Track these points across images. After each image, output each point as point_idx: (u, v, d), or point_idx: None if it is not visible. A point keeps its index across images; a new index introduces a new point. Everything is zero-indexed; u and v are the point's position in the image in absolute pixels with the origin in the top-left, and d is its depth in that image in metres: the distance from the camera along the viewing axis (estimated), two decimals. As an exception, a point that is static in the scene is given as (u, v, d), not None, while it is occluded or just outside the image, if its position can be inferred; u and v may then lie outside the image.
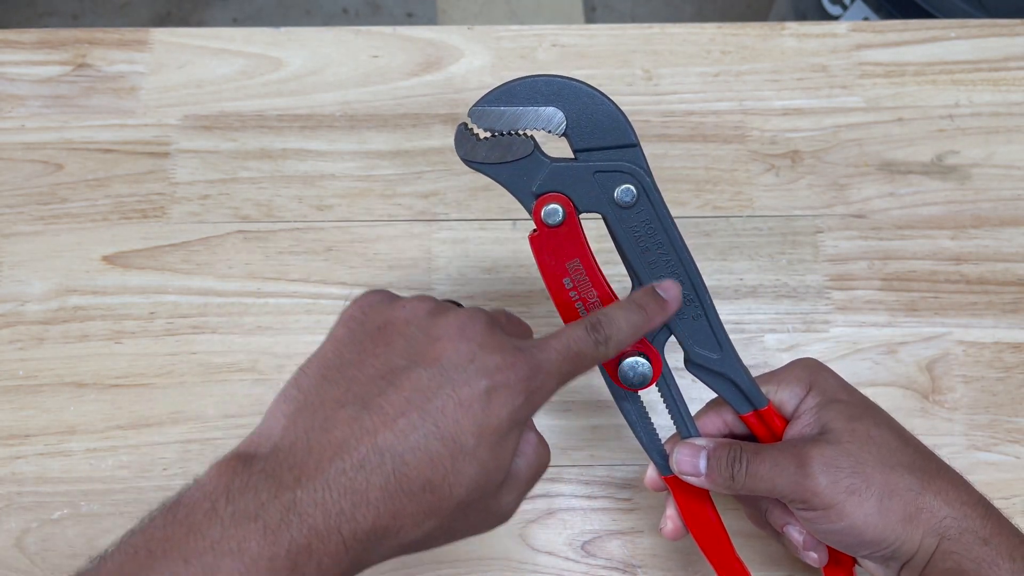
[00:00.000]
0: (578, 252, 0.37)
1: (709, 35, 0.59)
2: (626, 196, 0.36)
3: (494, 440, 0.29)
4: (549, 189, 0.36)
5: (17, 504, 0.47)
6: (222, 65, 0.58)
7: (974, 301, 0.52)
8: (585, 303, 0.37)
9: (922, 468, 0.35)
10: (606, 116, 0.36)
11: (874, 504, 0.34)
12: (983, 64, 0.59)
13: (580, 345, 0.33)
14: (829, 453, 0.35)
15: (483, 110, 0.36)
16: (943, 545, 0.34)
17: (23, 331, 0.51)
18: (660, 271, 0.37)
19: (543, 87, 0.36)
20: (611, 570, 0.47)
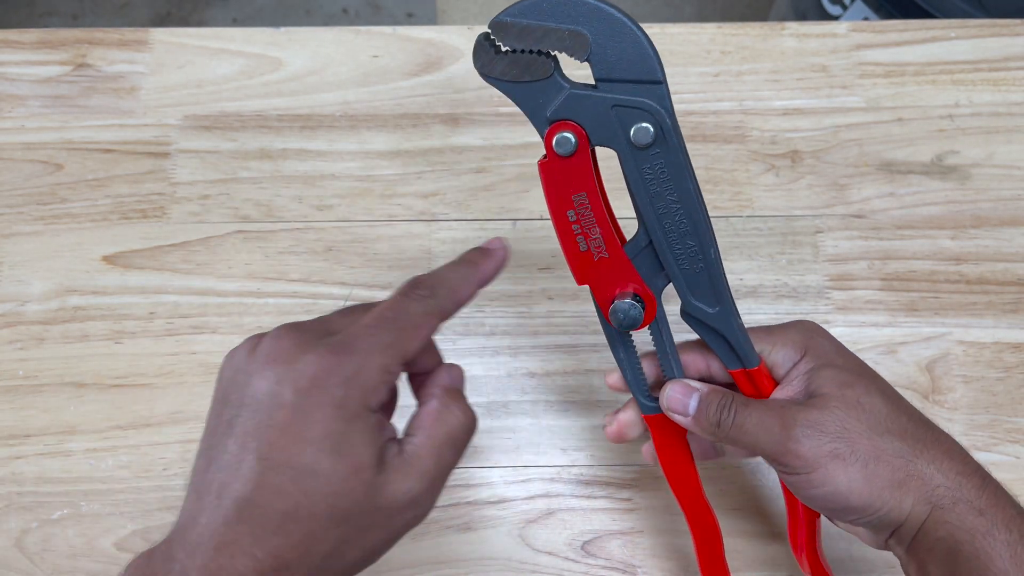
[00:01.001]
0: (586, 186, 0.35)
1: (709, 35, 0.59)
2: (642, 136, 0.34)
3: (329, 444, 0.29)
4: (564, 116, 0.34)
5: (17, 504, 0.47)
6: (222, 65, 0.58)
7: (974, 301, 0.52)
8: (587, 238, 0.36)
9: (915, 436, 0.34)
10: (634, 47, 0.33)
11: (859, 469, 0.33)
12: (983, 64, 0.59)
13: (395, 308, 0.32)
14: (815, 416, 0.34)
15: (506, 22, 0.33)
16: (935, 514, 0.33)
17: (23, 331, 0.51)
18: (667, 220, 0.35)
19: (572, 7, 0.33)
20: (611, 570, 0.47)
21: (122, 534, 0.47)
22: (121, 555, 0.46)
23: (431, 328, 0.33)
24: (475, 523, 0.47)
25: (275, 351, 0.31)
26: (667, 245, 0.36)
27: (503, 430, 0.49)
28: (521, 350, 0.51)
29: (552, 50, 0.34)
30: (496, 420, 0.49)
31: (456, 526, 0.47)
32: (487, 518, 0.47)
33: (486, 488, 0.48)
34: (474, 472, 0.48)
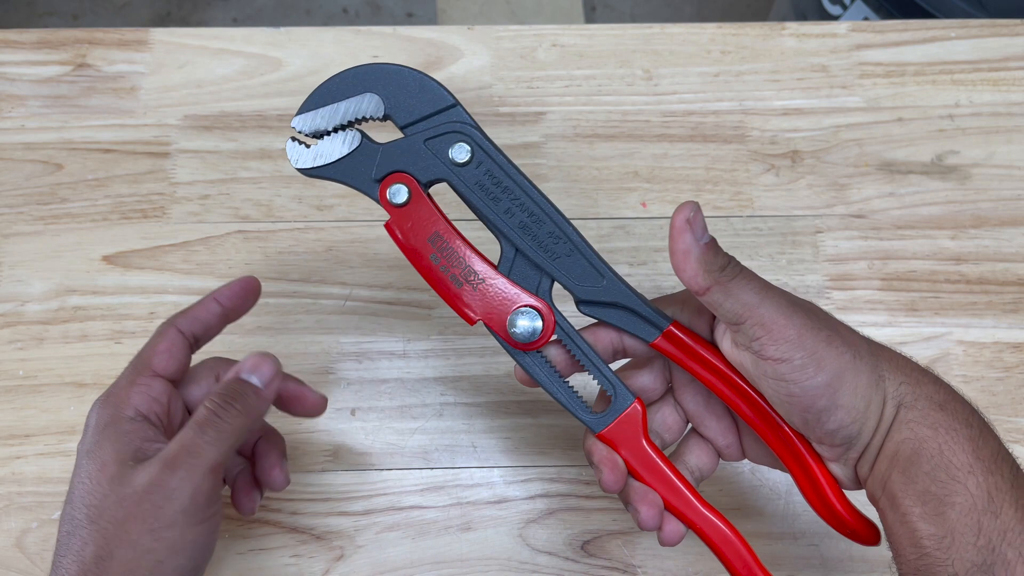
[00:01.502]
0: (436, 224, 0.37)
1: (709, 35, 0.59)
2: (461, 154, 0.36)
3: (85, 450, 0.37)
4: (388, 171, 0.36)
5: (17, 504, 0.47)
6: (222, 65, 0.58)
7: (974, 301, 0.52)
8: (458, 273, 0.37)
9: (865, 346, 0.33)
10: (418, 86, 0.36)
11: (849, 359, 0.32)
12: (983, 64, 0.59)
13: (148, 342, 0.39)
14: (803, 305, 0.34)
15: (304, 116, 0.36)
16: (901, 413, 0.32)
17: (23, 331, 0.51)
18: (517, 216, 0.36)
19: (352, 78, 0.36)
20: (611, 570, 0.47)
21: None
22: (121, 555, 0.46)
23: (169, 339, 0.39)
24: (475, 523, 0.47)
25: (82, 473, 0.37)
26: (530, 240, 0.37)
27: (503, 430, 0.49)
28: (521, 350, 0.51)
29: (353, 121, 0.36)
30: (496, 420, 0.49)
31: (456, 526, 0.47)
32: (487, 518, 0.47)
33: (486, 488, 0.48)
34: (474, 472, 0.48)
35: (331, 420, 0.49)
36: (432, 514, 0.47)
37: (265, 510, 0.47)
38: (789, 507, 0.48)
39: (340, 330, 0.51)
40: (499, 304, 0.37)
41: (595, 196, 0.55)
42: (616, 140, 0.56)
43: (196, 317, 0.40)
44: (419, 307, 0.52)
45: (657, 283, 0.52)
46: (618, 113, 0.57)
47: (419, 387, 0.50)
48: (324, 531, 0.47)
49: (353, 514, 0.47)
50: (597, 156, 0.56)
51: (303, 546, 0.47)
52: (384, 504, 0.48)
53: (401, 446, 0.49)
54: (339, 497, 0.48)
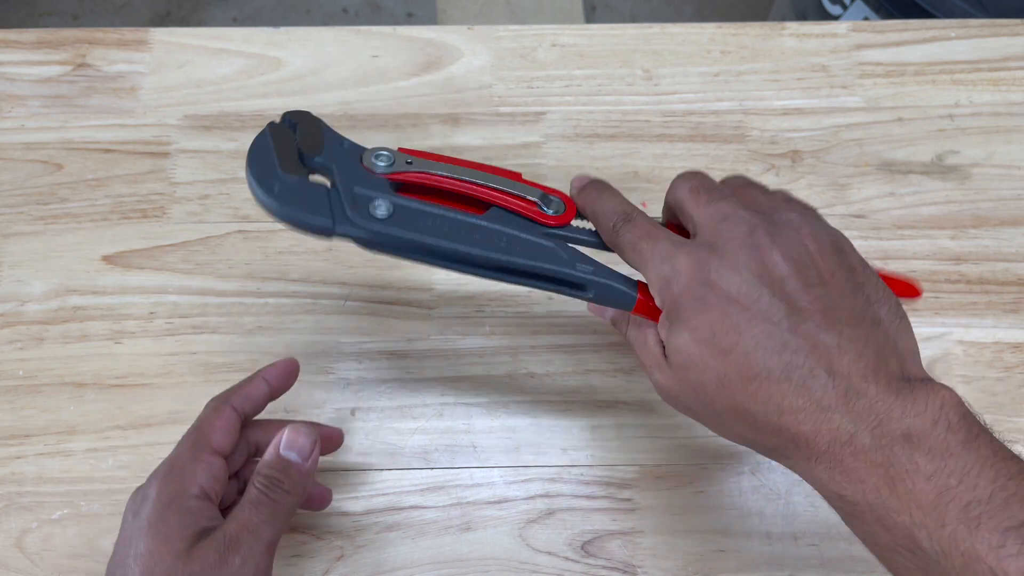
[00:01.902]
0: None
1: (709, 35, 0.59)
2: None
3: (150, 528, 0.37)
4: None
5: (17, 504, 0.47)
6: (222, 65, 0.58)
7: (974, 301, 0.52)
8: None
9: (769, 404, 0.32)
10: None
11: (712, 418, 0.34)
12: (983, 64, 0.59)
13: (198, 418, 0.41)
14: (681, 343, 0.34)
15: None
16: (822, 473, 0.32)
17: (23, 331, 0.51)
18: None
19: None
20: (611, 570, 0.47)
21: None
22: (121, 555, 0.46)
23: (226, 418, 0.40)
24: (475, 523, 0.47)
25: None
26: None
27: (503, 430, 0.49)
28: (521, 350, 0.51)
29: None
30: (496, 420, 0.49)
31: (456, 526, 0.47)
32: (487, 518, 0.47)
33: (486, 488, 0.48)
34: (474, 472, 0.48)
35: (331, 420, 0.49)
36: (432, 514, 0.47)
37: (265, 510, 0.47)
38: (789, 507, 0.48)
39: (340, 330, 0.51)
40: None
41: (595, 196, 0.55)
42: (616, 140, 0.56)
43: (248, 396, 0.42)
44: (419, 307, 0.52)
45: (657, 283, 0.52)
46: (618, 113, 0.57)
47: (419, 387, 0.50)
48: (324, 531, 0.47)
49: (353, 514, 0.47)
50: (597, 156, 0.56)
51: (303, 546, 0.47)
52: (384, 504, 0.48)
53: (401, 446, 0.49)
54: (339, 497, 0.48)
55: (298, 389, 0.50)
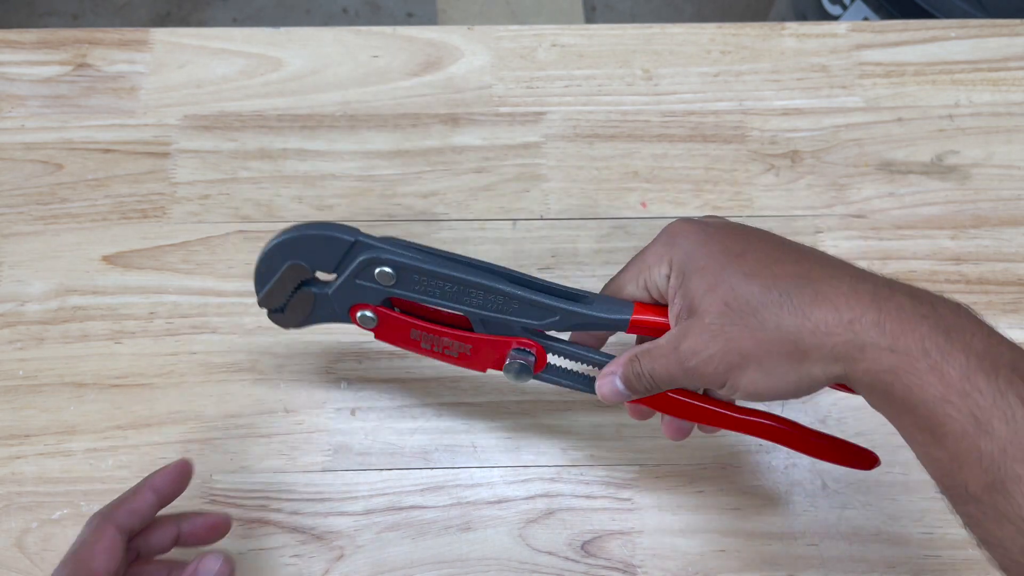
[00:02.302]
0: (409, 325, 0.41)
1: (709, 35, 0.59)
2: (385, 277, 0.39)
3: None
4: (348, 306, 0.41)
5: (17, 504, 0.47)
6: (222, 65, 0.58)
7: (974, 301, 0.52)
8: (450, 348, 0.42)
9: (794, 307, 0.33)
10: (322, 241, 0.39)
11: (756, 370, 0.34)
12: (983, 64, 0.59)
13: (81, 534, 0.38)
14: (697, 342, 0.35)
15: (262, 299, 0.41)
16: (850, 367, 0.32)
17: (23, 331, 0.51)
18: (463, 298, 0.39)
19: (273, 257, 0.40)
20: (611, 570, 0.47)
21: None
22: (121, 555, 0.46)
23: (108, 540, 0.37)
24: (475, 523, 0.47)
25: None
26: (484, 306, 0.40)
27: (503, 430, 0.49)
28: (521, 350, 0.51)
29: (298, 286, 0.41)
30: (496, 420, 0.49)
31: (456, 526, 0.47)
32: (487, 518, 0.47)
33: (486, 488, 0.48)
34: (474, 472, 0.48)
35: (331, 420, 0.49)
36: (432, 514, 0.47)
37: (265, 510, 0.47)
38: (789, 507, 0.48)
39: (340, 330, 0.51)
40: (493, 355, 0.41)
41: (595, 196, 0.55)
42: (616, 140, 0.56)
43: (133, 511, 0.39)
44: (419, 307, 0.52)
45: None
46: (618, 113, 0.57)
47: (419, 387, 0.50)
48: (324, 531, 0.47)
49: (353, 514, 0.47)
50: (597, 156, 0.56)
51: (303, 546, 0.47)
52: (384, 504, 0.48)
53: (401, 446, 0.49)
54: (339, 497, 0.48)
55: (298, 389, 0.50)
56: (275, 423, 0.49)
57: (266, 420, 0.49)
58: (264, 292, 0.41)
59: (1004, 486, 0.28)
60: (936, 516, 0.48)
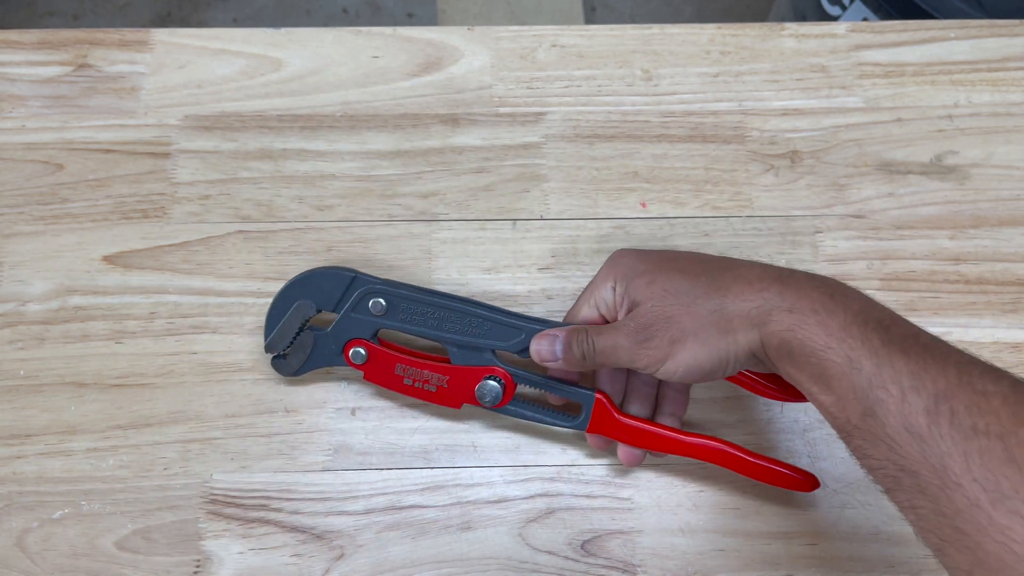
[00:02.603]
0: (395, 359, 0.47)
1: (708, 35, 0.60)
2: (378, 308, 0.47)
3: None
4: (343, 343, 0.47)
5: (18, 504, 0.47)
6: (222, 65, 0.58)
7: (973, 301, 0.52)
8: (427, 383, 0.47)
9: (718, 287, 0.40)
10: (326, 277, 0.47)
11: (693, 341, 0.40)
12: (982, 64, 0.59)
13: None
14: (641, 320, 0.41)
15: (270, 341, 0.48)
16: (763, 331, 0.38)
17: (24, 331, 0.51)
18: (442, 321, 0.46)
19: (287, 295, 0.47)
20: (611, 570, 0.47)
21: (123, 533, 0.47)
22: (121, 554, 0.46)
23: None
24: (475, 523, 0.47)
25: None
26: (461, 332, 0.46)
27: (503, 430, 0.49)
28: (521, 350, 0.51)
29: (301, 327, 0.47)
30: (496, 420, 0.50)
31: (456, 526, 0.47)
32: (487, 518, 0.47)
33: (486, 488, 0.48)
34: (474, 472, 0.48)
35: (331, 420, 0.49)
36: (432, 514, 0.47)
37: (266, 510, 0.47)
38: (787, 507, 0.48)
39: (340, 330, 0.51)
40: (466, 386, 0.46)
41: (595, 196, 0.55)
42: (616, 140, 0.56)
43: None
44: (419, 307, 0.52)
45: (657, 283, 0.53)
46: (618, 113, 0.57)
47: (419, 387, 0.50)
48: (324, 530, 0.47)
49: (353, 513, 0.47)
50: (597, 156, 0.56)
51: (303, 545, 0.47)
52: (384, 503, 0.48)
53: (401, 446, 0.49)
54: (339, 497, 0.48)
55: (299, 389, 0.50)
56: (275, 423, 0.49)
57: (266, 420, 0.49)
58: (272, 335, 0.47)
59: (873, 411, 0.34)
60: (935, 516, 0.48)
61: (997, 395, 0.32)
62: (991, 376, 0.33)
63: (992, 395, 0.32)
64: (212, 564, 0.46)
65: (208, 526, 0.47)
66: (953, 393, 0.32)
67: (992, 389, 0.32)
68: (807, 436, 0.49)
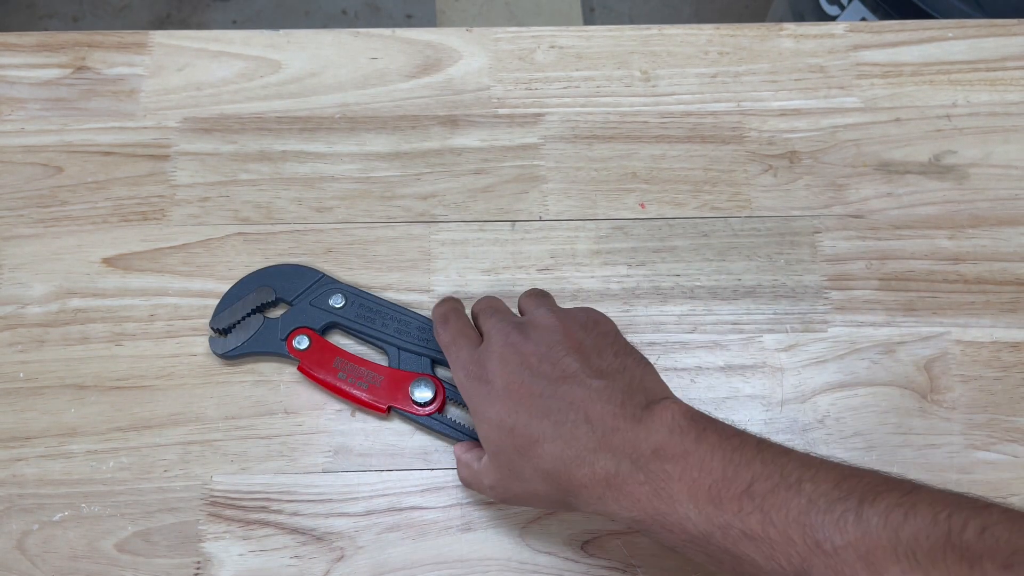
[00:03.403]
0: (336, 352, 0.49)
1: (707, 36, 0.60)
2: (337, 300, 0.50)
3: None
4: (290, 330, 0.49)
5: (18, 506, 0.47)
6: (221, 67, 0.58)
7: (972, 301, 0.52)
8: (362, 379, 0.48)
9: (565, 503, 0.40)
10: (296, 273, 0.51)
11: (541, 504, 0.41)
12: (980, 64, 0.59)
13: None
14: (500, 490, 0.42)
15: (218, 317, 0.50)
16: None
17: (24, 333, 0.51)
18: (391, 326, 0.49)
19: (250, 281, 0.51)
20: (611, 570, 0.47)
21: (123, 535, 0.47)
22: (122, 556, 0.46)
23: None
24: (475, 523, 0.47)
25: None
26: (405, 338, 0.49)
27: (503, 431, 0.49)
28: (520, 351, 0.51)
29: (254, 310, 0.50)
30: (496, 421, 0.50)
31: (456, 526, 0.47)
32: (487, 518, 0.48)
33: (486, 489, 0.48)
34: (474, 473, 0.48)
35: (331, 421, 0.49)
36: (432, 515, 0.48)
37: (266, 511, 0.47)
38: (788, 506, 0.48)
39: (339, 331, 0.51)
40: (399, 387, 0.48)
41: (593, 197, 0.55)
42: (614, 141, 0.56)
43: None
44: (418, 308, 0.52)
45: (656, 284, 0.53)
46: (616, 114, 0.57)
47: (419, 388, 0.50)
48: (325, 532, 0.47)
49: (353, 515, 0.47)
50: (595, 157, 0.56)
51: (303, 547, 0.47)
52: (384, 505, 0.48)
53: (401, 447, 0.49)
54: (339, 498, 0.48)
55: (298, 390, 0.50)
56: (275, 424, 0.49)
57: (266, 422, 0.49)
58: (222, 312, 0.50)
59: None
60: (935, 515, 0.48)
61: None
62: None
63: None
64: (212, 566, 0.46)
65: (208, 528, 0.47)
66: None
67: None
68: (807, 436, 0.49)
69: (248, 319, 0.50)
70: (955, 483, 0.48)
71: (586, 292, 0.52)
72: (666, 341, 0.51)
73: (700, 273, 0.53)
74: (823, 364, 0.51)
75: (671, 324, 0.52)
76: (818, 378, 0.51)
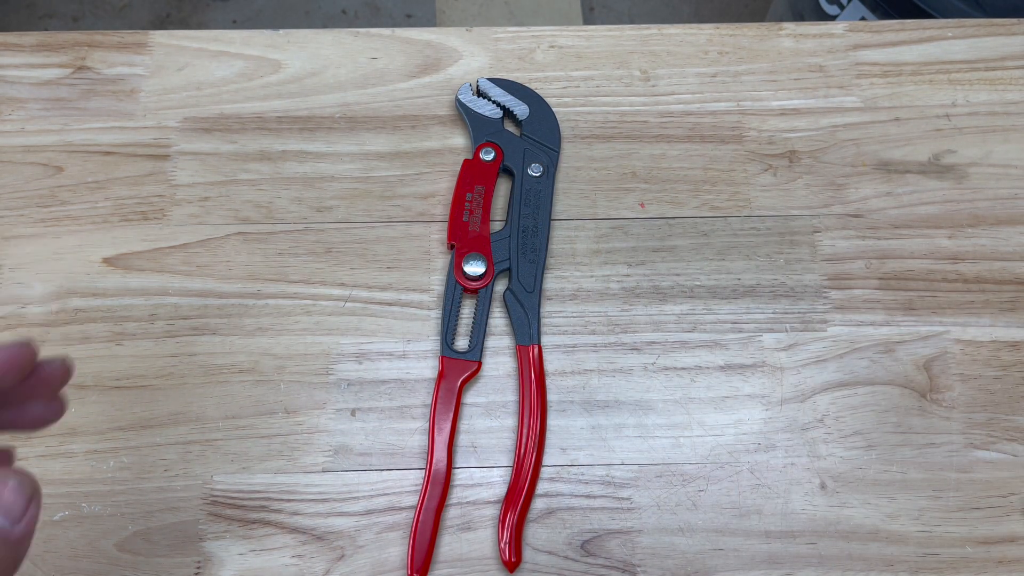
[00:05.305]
0: (488, 182, 0.53)
1: (706, 36, 0.60)
2: (535, 170, 0.54)
3: None
4: (496, 141, 0.54)
5: (19, 506, 0.47)
6: (221, 67, 0.58)
7: (971, 300, 0.53)
8: (471, 214, 0.52)
9: None
10: (551, 125, 0.55)
11: None
12: (980, 64, 0.59)
13: None
14: None
15: (487, 83, 0.56)
16: None
17: (24, 333, 0.51)
18: (526, 220, 0.52)
19: (525, 91, 0.56)
20: (611, 569, 0.47)
21: (123, 535, 0.47)
22: (122, 556, 0.46)
23: None
24: (475, 523, 0.47)
25: None
26: (519, 239, 0.52)
27: (503, 430, 0.49)
28: (520, 350, 0.51)
29: (504, 107, 0.55)
30: (496, 420, 0.50)
31: (456, 526, 0.47)
32: (487, 518, 0.48)
33: (486, 488, 0.48)
34: (474, 472, 0.49)
35: (331, 420, 0.49)
36: (432, 514, 0.48)
37: (266, 511, 0.47)
38: (788, 506, 0.48)
39: (340, 331, 0.51)
40: (471, 246, 0.52)
41: (593, 196, 0.55)
42: (614, 141, 0.56)
43: None
44: (419, 307, 0.52)
45: (655, 283, 0.53)
46: (616, 114, 0.57)
47: (419, 387, 0.50)
48: (325, 531, 0.47)
49: (354, 514, 0.47)
50: (595, 157, 0.56)
51: (304, 546, 0.47)
52: (384, 504, 0.48)
53: (401, 446, 0.49)
54: (339, 497, 0.48)
55: (298, 390, 0.50)
56: (275, 424, 0.49)
57: (266, 421, 0.49)
58: (494, 87, 0.56)
59: None
60: (934, 515, 0.48)
61: None
62: None
63: None
64: (213, 565, 0.46)
65: (209, 527, 0.47)
66: None
67: None
68: (807, 435, 0.49)
69: (495, 106, 0.56)
70: (954, 482, 0.49)
71: (586, 291, 0.52)
72: (666, 340, 0.51)
73: (700, 272, 0.53)
74: (823, 363, 0.51)
75: (671, 323, 0.52)
76: (818, 377, 0.51)
